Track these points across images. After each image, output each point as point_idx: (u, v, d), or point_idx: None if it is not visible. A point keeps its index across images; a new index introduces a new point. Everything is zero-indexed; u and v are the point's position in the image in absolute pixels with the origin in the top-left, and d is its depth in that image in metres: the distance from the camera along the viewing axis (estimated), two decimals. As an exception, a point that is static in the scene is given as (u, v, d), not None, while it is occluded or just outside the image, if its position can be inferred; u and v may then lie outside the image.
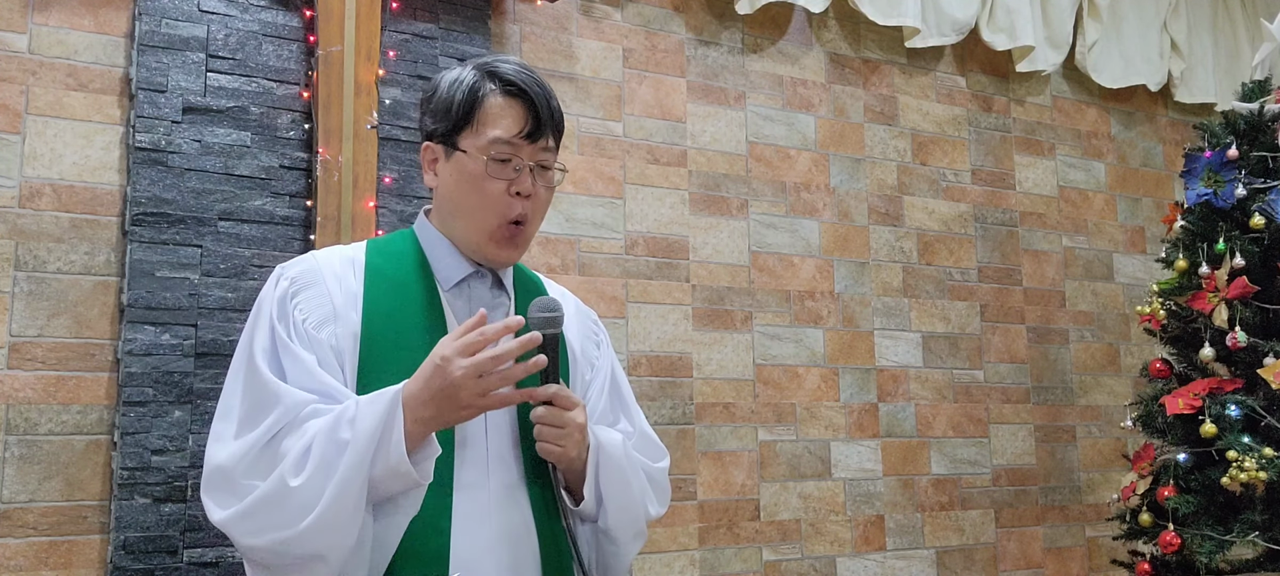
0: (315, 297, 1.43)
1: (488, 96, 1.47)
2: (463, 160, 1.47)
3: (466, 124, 1.47)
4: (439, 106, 1.50)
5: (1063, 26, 4.16)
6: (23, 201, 2.61)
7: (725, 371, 3.44)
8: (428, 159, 1.53)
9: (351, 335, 1.41)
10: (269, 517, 1.28)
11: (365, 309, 1.43)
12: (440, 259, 1.51)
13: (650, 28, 3.49)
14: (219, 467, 1.32)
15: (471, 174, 1.46)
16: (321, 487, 1.26)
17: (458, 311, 1.49)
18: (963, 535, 3.78)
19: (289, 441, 1.31)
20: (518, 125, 1.46)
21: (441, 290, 1.49)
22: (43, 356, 2.57)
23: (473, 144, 1.46)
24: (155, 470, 2.56)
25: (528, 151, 1.47)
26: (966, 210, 4.00)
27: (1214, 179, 3.09)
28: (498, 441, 1.44)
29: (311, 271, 1.46)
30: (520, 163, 1.46)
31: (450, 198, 1.49)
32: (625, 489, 1.50)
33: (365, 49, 2.86)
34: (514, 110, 1.46)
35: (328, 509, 1.25)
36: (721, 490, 3.37)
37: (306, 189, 2.84)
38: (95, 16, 2.73)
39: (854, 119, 3.82)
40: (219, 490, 1.33)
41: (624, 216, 3.35)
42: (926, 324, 3.84)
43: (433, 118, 1.51)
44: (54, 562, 2.52)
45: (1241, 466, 2.75)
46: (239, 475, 1.30)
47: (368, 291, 1.45)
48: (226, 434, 1.34)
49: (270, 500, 1.28)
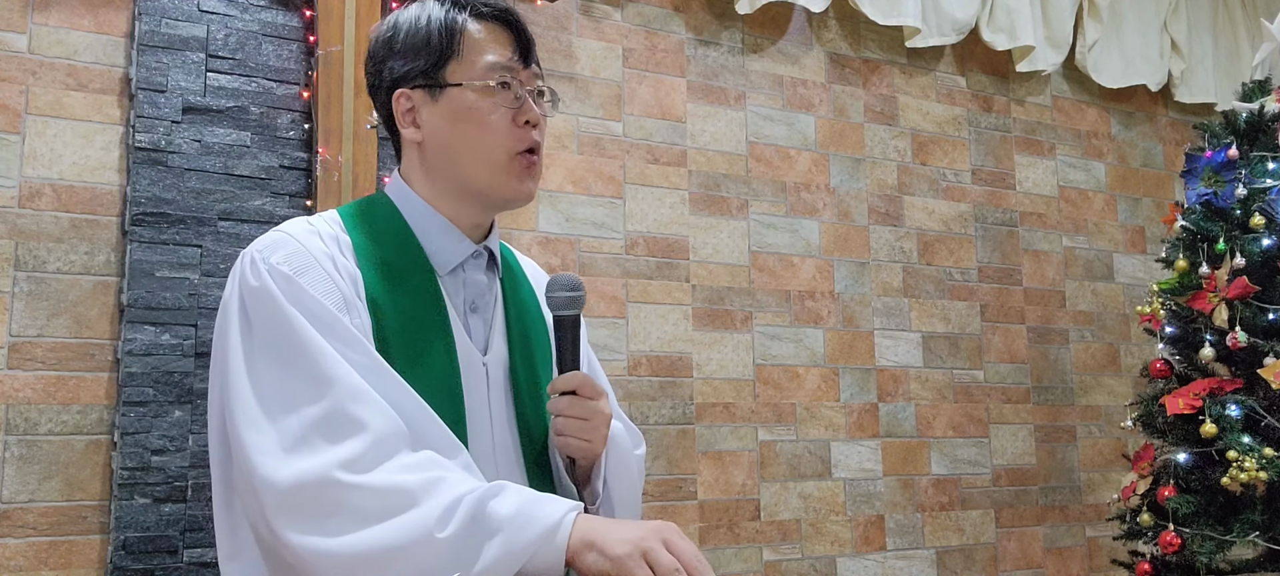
0: (320, 279, 1.20)
1: (466, 24, 1.29)
2: (457, 96, 1.28)
3: (451, 55, 1.28)
4: (409, 44, 1.30)
5: (1063, 26, 4.16)
6: (22, 201, 2.61)
7: (725, 371, 3.44)
8: (402, 109, 1.31)
9: (365, 328, 1.21)
10: (409, 564, 1.05)
11: (367, 298, 1.23)
12: (434, 237, 1.30)
13: (650, 27, 3.49)
14: (301, 486, 1.08)
15: (472, 107, 1.27)
16: (478, 552, 1.06)
17: (453, 299, 1.30)
18: (963, 535, 3.78)
19: (412, 477, 1.09)
20: (509, 48, 1.30)
21: (438, 276, 1.30)
22: (43, 356, 2.57)
23: (465, 74, 1.28)
24: (155, 470, 2.56)
25: (524, 76, 1.31)
26: (966, 210, 4.00)
27: (1214, 179, 3.09)
28: (503, 439, 1.30)
29: (301, 254, 1.21)
30: (520, 89, 1.29)
31: (446, 145, 1.29)
32: (630, 481, 1.38)
33: (365, 49, 2.85)
34: (499, 33, 1.30)
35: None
36: (722, 490, 3.37)
37: (306, 189, 2.84)
38: (95, 16, 2.73)
39: (854, 119, 3.82)
40: (307, 514, 1.08)
41: (624, 216, 3.35)
42: (926, 324, 3.84)
43: (402, 60, 1.30)
44: (54, 563, 2.52)
45: (1242, 466, 2.75)
46: (349, 503, 1.07)
47: (365, 277, 1.24)
48: (285, 443, 1.11)
49: (410, 547, 1.06)
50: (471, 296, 1.33)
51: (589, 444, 1.28)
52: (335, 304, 1.18)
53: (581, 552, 1.06)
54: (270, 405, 1.12)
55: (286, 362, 1.14)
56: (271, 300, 1.16)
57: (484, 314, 1.34)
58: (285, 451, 1.10)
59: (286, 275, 1.18)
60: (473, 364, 1.29)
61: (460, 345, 1.28)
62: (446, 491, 1.08)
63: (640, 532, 1.05)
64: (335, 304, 1.18)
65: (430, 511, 1.06)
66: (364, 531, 1.06)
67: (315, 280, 1.19)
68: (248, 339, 1.17)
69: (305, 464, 1.08)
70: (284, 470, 1.08)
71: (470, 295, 1.33)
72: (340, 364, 1.13)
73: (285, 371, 1.13)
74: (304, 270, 1.19)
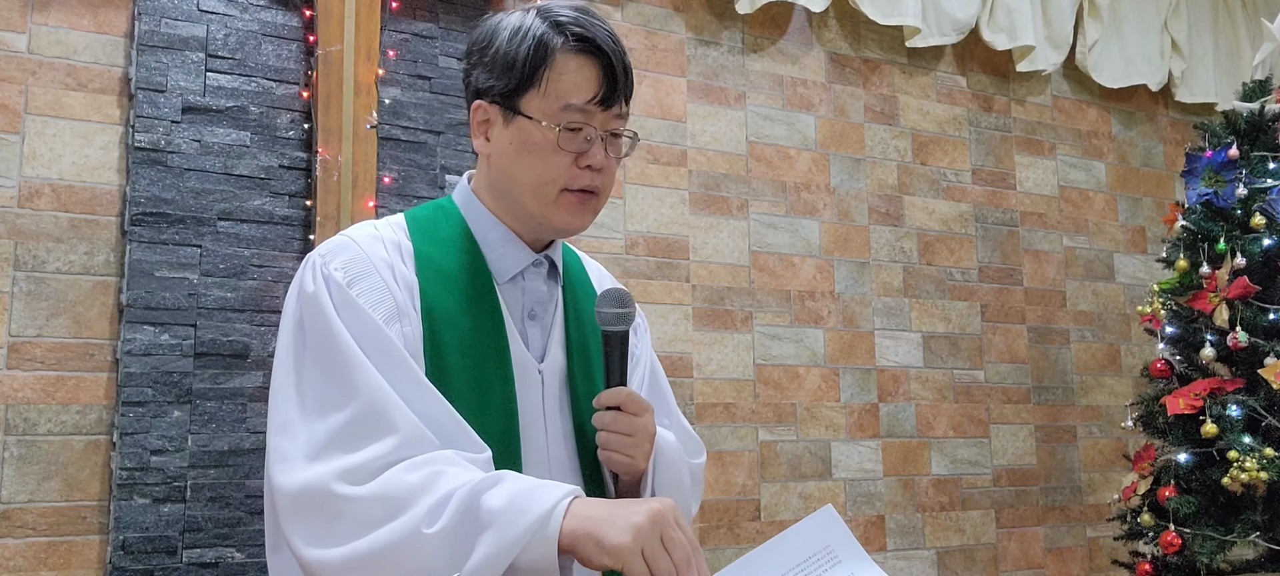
0: (374, 288, 1.22)
1: (557, 52, 1.26)
2: (527, 127, 1.27)
3: (532, 84, 1.26)
4: (499, 61, 1.28)
5: (1063, 26, 4.15)
6: (22, 201, 2.60)
7: (725, 371, 3.44)
8: (478, 120, 1.32)
9: (416, 336, 1.23)
10: (401, 564, 1.06)
11: (423, 307, 1.24)
12: (495, 247, 1.32)
13: (650, 27, 3.49)
14: (306, 493, 1.10)
15: (536, 144, 1.27)
16: (470, 547, 1.05)
17: (511, 307, 1.32)
18: (963, 535, 3.78)
19: (410, 477, 1.09)
20: (592, 89, 1.27)
21: (496, 284, 1.31)
22: (42, 356, 2.57)
23: (541, 109, 1.26)
24: (154, 470, 2.56)
25: (600, 119, 1.28)
26: (967, 210, 3.99)
27: (1215, 179, 3.09)
28: (557, 447, 1.30)
29: (360, 260, 1.24)
30: (592, 132, 1.27)
31: (507, 168, 1.29)
32: (680, 495, 1.36)
33: (365, 49, 2.85)
34: (586, 70, 1.27)
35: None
36: (722, 490, 3.37)
37: (306, 189, 2.84)
38: (95, 16, 2.72)
39: (854, 119, 3.82)
40: (313, 522, 1.10)
41: (624, 216, 3.34)
42: (927, 324, 3.84)
43: (489, 73, 1.29)
44: (53, 563, 2.52)
45: (1242, 466, 2.75)
46: (348, 513, 1.08)
47: (423, 286, 1.25)
48: (305, 449, 1.13)
49: (400, 547, 1.06)
50: (530, 304, 1.34)
51: (631, 460, 1.27)
52: (387, 312, 1.21)
53: (579, 542, 1.04)
54: (306, 410, 1.15)
55: (324, 371, 1.17)
56: (320, 308, 1.19)
57: (542, 322, 1.35)
58: (307, 458, 1.12)
59: (340, 283, 1.21)
60: (527, 371, 1.29)
61: (516, 353, 1.29)
62: (441, 486, 1.08)
63: (639, 520, 1.03)
64: (387, 312, 1.21)
65: (420, 509, 1.06)
66: (360, 539, 1.07)
67: (369, 288, 1.22)
68: (297, 343, 1.21)
69: (315, 471, 1.10)
70: (295, 477, 1.11)
71: (529, 303, 1.34)
72: (372, 374, 1.15)
73: (323, 379, 1.16)
74: (360, 277, 1.22)
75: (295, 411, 1.16)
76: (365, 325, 1.18)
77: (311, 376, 1.17)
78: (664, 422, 1.45)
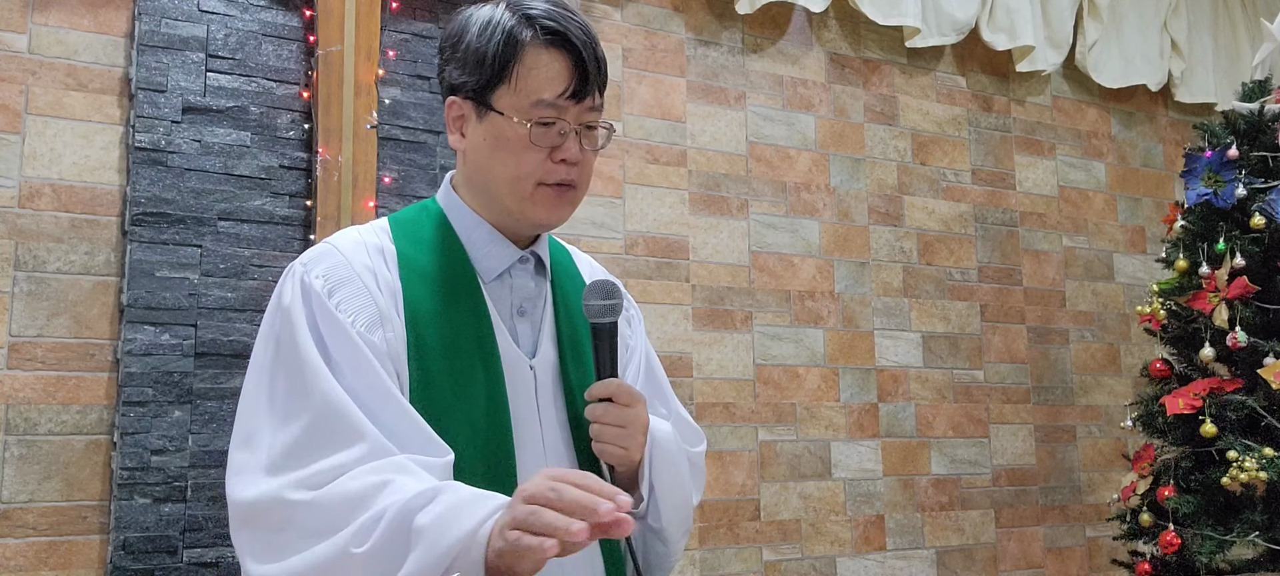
0: (355, 294, 1.22)
1: (527, 46, 1.25)
2: (500, 124, 1.26)
3: (502, 80, 1.25)
4: (469, 57, 1.27)
5: (1063, 26, 4.16)
6: (22, 201, 2.61)
7: (725, 371, 3.44)
8: (453, 116, 1.31)
9: (400, 341, 1.22)
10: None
11: (407, 311, 1.24)
12: (479, 245, 1.32)
13: (650, 27, 3.49)
14: (258, 504, 1.10)
15: (509, 140, 1.26)
16: (396, 567, 1.04)
17: (499, 305, 1.31)
18: (963, 535, 3.78)
19: (354, 485, 1.08)
20: (563, 82, 1.25)
21: (482, 283, 1.31)
22: (42, 356, 2.57)
23: (511, 104, 1.25)
24: (155, 470, 2.56)
25: (573, 112, 1.27)
26: (966, 210, 4.00)
27: (1214, 179, 3.09)
28: (553, 442, 1.30)
29: (341, 266, 1.23)
30: (565, 126, 1.26)
31: (483, 165, 1.29)
32: (679, 484, 1.35)
33: (365, 49, 2.86)
34: (557, 63, 1.25)
35: None
36: (721, 490, 3.37)
37: (306, 189, 2.84)
38: (95, 16, 2.73)
39: (854, 119, 3.82)
40: (260, 534, 1.11)
41: (624, 216, 3.34)
42: (927, 324, 3.84)
43: (460, 68, 1.29)
44: (54, 563, 2.52)
45: (1242, 466, 2.75)
46: (296, 520, 1.08)
47: (406, 289, 1.25)
48: (263, 462, 1.12)
49: (331, 567, 1.06)
50: (519, 300, 1.33)
51: (625, 451, 1.27)
52: (368, 319, 1.20)
53: (506, 558, 1.00)
54: (271, 423, 1.15)
55: (290, 384, 1.16)
56: (291, 322, 1.19)
57: (532, 317, 1.34)
58: (264, 471, 1.12)
59: (320, 293, 1.20)
60: (519, 368, 1.29)
61: (506, 350, 1.28)
62: (379, 500, 1.06)
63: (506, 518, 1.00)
64: (368, 319, 1.20)
65: (351, 528, 1.05)
66: (296, 555, 1.07)
67: (350, 295, 1.21)
68: (268, 356, 1.20)
69: (270, 484, 1.10)
70: (250, 490, 1.12)
71: (518, 299, 1.33)
72: (332, 386, 1.14)
73: (287, 393, 1.16)
74: (341, 285, 1.21)
75: (260, 423, 1.15)
76: (338, 335, 1.18)
77: (279, 389, 1.16)
78: (660, 412, 1.44)
